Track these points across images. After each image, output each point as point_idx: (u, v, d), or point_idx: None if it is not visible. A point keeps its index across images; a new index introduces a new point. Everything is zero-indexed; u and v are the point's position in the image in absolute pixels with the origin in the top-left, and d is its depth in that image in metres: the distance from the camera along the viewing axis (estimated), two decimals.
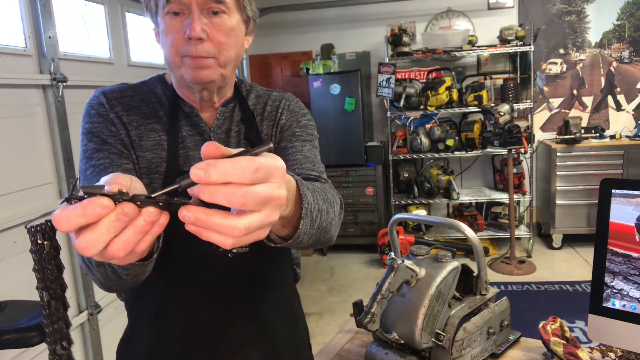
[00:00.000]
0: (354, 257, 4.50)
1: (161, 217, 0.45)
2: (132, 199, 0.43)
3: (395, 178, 4.61)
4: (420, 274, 0.88)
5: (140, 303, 0.97)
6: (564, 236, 4.31)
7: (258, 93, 1.03)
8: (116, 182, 0.44)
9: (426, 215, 4.34)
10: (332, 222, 0.79)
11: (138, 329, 0.98)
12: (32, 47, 2.23)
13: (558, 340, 0.93)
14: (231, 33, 0.86)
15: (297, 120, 1.00)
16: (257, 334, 0.97)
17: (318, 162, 0.97)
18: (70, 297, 2.38)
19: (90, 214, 0.40)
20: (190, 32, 0.81)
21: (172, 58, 0.86)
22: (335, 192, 0.87)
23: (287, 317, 1.04)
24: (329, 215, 0.76)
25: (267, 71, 5.15)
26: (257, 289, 0.97)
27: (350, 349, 1.08)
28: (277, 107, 1.01)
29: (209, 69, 0.85)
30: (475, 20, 4.70)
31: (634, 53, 4.55)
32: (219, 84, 0.90)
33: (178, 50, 0.84)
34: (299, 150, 0.95)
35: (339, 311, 3.43)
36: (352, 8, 4.82)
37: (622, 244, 0.85)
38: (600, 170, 4.11)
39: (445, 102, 4.21)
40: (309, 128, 1.02)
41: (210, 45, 0.84)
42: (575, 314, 3.03)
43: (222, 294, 0.94)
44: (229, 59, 0.88)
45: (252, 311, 0.96)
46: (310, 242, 0.74)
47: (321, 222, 0.72)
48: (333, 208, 0.80)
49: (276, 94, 1.04)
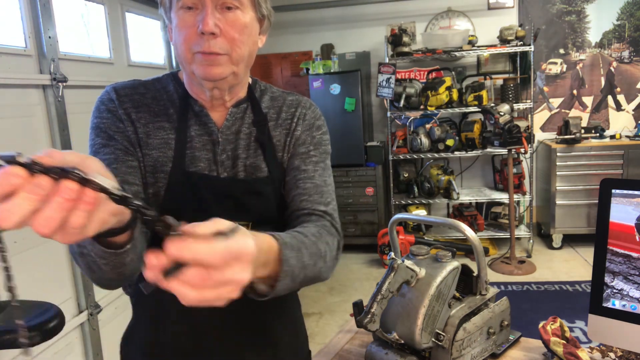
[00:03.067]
0: (354, 257, 4.50)
1: (85, 195, 0.43)
2: (46, 170, 0.40)
3: (395, 178, 4.61)
4: (420, 274, 0.88)
5: (144, 299, 0.96)
6: (564, 236, 4.30)
7: (273, 95, 1.00)
8: (82, 163, 0.43)
9: (426, 215, 4.34)
10: (322, 270, 0.81)
11: (139, 325, 0.98)
12: (32, 47, 2.23)
13: (558, 340, 0.93)
14: (244, 30, 0.84)
15: (312, 136, 0.98)
16: (258, 339, 0.96)
17: (327, 191, 0.96)
18: (70, 297, 2.38)
19: (1, 183, 0.39)
20: (203, 26, 0.79)
21: (184, 54, 0.84)
22: (331, 237, 0.87)
23: (288, 323, 1.03)
24: (315, 268, 0.78)
25: (267, 71, 5.15)
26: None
27: (350, 349, 1.08)
28: (292, 115, 0.98)
29: (220, 66, 0.84)
30: (475, 20, 4.70)
31: (634, 53, 4.55)
32: (230, 82, 0.88)
33: (190, 46, 0.82)
34: (310, 176, 0.94)
35: (339, 311, 3.43)
36: (352, 8, 4.82)
37: (622, 244, 0.85)
38: (600, 170, 4.11)
39: (445, 102, 4.21)
40: (323, 144, 0.99)
41: (223, 41, 0.82)
42: (575, 314, 3.03)
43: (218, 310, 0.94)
44: (241, 56, 0.86)
45: (252, 316, 0.95)
46: (295, 288, 0.77)
47: (305, 277, 0.74)
48: (324, 258, 0.81)
49: (292, 97, 1.01)
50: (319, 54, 4.82)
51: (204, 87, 0.88)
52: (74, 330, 2.39)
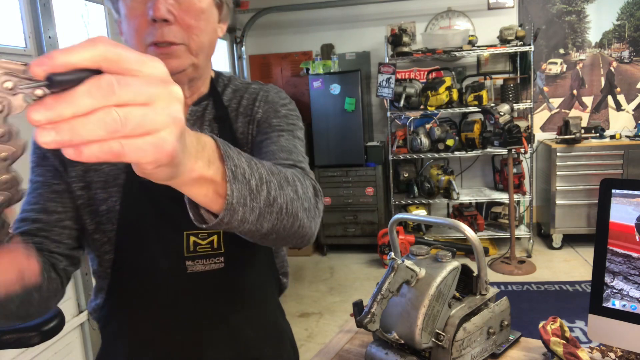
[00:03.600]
0: (354, 257, 4.50)
1: None
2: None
3: (395, 178, 4.61)
4: (420, 274, 0.88)
5: (113, 324, 0.91)
6: (564, 236, 4.30)
7: (236, 87, 0.92)
8: None
9: (426, 215, 4.34)
10: (295, 203, 0.64)
11: (111, 352, 0.92)
12: (32, 47, 2.23)
13: (558, 340, 0.93)
14: (201, 16, 0.76)
15: (276, 111, 0.88)
16: (239, 357, 0.91)
17: (297, 152, 0.82)
18: (70, 297, 2.38)
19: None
20: (154, 12, 0.71)
21: (136, 47, 0.74)
22: (309, 181, 0.72)
23: (271, 337, 0.98)
24: (284, 192, 0.61)
25: (267, 71, 5.15)
26: (235, 308, 0.90)
27: (350, 349, 1.08)
28: (253, 101, 0.89)
29: (178, 58, 0.75)
30: (475, 20, 4.70)
31: (634, 53, 4.55)
32: (190, 75, 0.80)
33: (142, 36, 0.74)
34: (274, 141, 0.82)
35: (339, 311, 3.43)
36: (352, 8, 4.82)
37: (622, 244, 0.85)
38: (600, 170, 4.11)
39: (445, 102, 4.21)
40: (290, 118, 0.89)
41: (178, 29, 0.74)
42: (575, 314, 3.03)
43: (198, 316, 0.87)
44: (200, 45, 0.77)
45: (231, 333, 0.90)
46: (268, 226, 0.59)
47: (273, 198, 0.58)
48: (294, 187, 0.65)
49: (255, 86, 0.93)
50: (319, 54, 4.82)
51: None
52: (74, 330, 2.39)
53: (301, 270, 4.27)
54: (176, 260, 0.84)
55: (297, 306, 3.53)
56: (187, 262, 0.84)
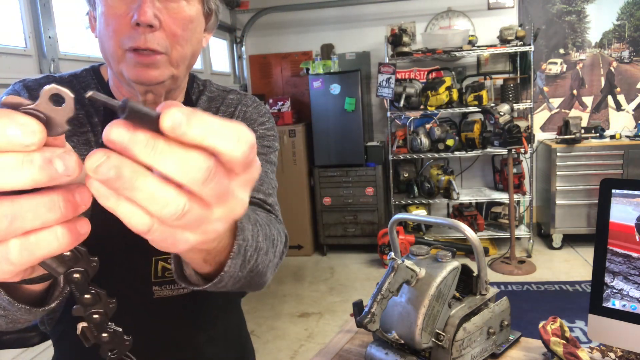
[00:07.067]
0: (354, 257, 4.50)
1: None
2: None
3: (395, 178, 4.61)
4: (420, 274, 0.88)
5: (67, 343, 0.85)
6: (564, 236, 4.30)
7: (212, 94, 0.88)
8: None
9: (426, 215, 4.34)
10: (270, 264, 0.64)
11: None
12: (32, 47, 2.23)
13: (558, 340, 0.93)
14: (189, 25, 0.71)
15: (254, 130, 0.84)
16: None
17: (268, 181, 0.81)
18: None
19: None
20: (140, 16, 0.65)
21: (112, 50, 0.69)
22: (281, 226, 0.73)
23: (235, 350, 0.97)
24: (267, 257, 0.61)
25: (267, 71, 5.15)
26: (201, 330, 0.89)
27: (350, 349, 1.08)
28: (230, 115, 0.86)
29: (157, 69, 0.69)
30: (475, 20, 4.70)
31: (634, 53, 4.55)
32: (168, 87, 0.75)
33: (121, 40, 0.68)
34: None
35: (339, 311, 3.43)
36: (352, 8, 4.82)
37: (622, 244, 0.85)
38: (600, 170, 4.11)
39: (445, 102, 4.21)
40: (267, 139, 0.87)
41: (162, 36, 0.68)
42: (575, 314, 3.03)
43: (164, 338, 0.85)
44: (183, 56, 0.72)
45: (196, 354, 0.88)
46: (236, 287, 0.58)
47: (256, 265, 0.58)
48: (275, 248, 0.65)
49: (232, 96, 0.89)
50: (319, 54, 4.82)
51: (135, 89, 0.73)
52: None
53: (301, 270, 4.27)
54: (143, 286, 0.82)
55: (297, 306, 3.53)
56: (154, 288, 0.82)
